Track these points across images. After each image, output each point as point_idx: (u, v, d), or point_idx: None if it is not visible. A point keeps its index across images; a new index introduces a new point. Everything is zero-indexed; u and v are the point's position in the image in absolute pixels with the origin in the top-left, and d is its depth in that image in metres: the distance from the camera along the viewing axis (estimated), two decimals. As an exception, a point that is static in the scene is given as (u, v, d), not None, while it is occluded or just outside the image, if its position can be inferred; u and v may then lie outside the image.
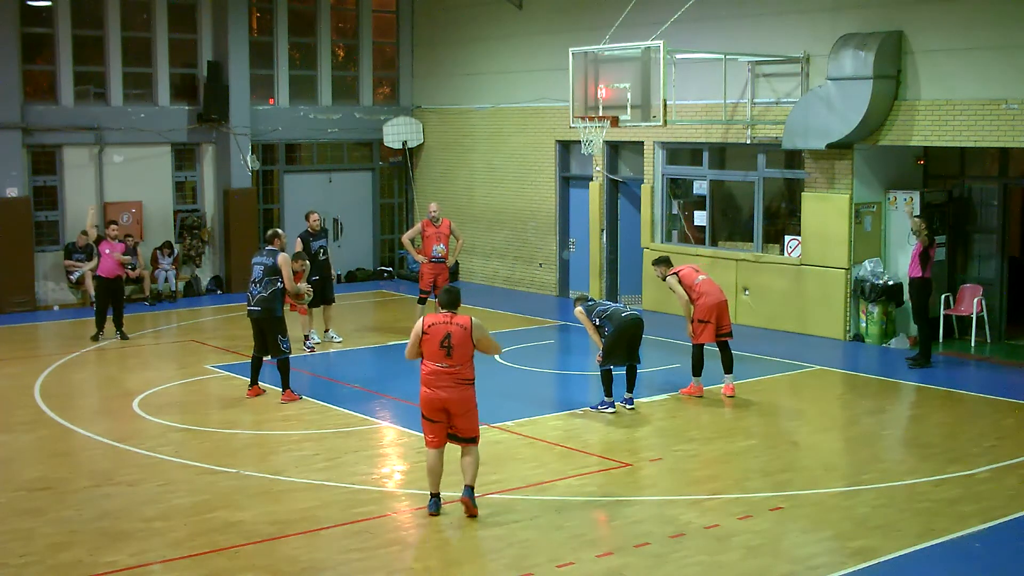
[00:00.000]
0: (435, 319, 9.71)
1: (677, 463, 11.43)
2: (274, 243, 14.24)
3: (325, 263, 17.30)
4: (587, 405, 13.66)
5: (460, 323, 9.64)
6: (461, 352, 9.60)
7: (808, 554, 8.93)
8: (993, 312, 17.10)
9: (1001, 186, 17.24)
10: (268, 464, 11.38)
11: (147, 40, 22.22)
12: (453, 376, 9.62)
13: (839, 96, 16.52)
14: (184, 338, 18.13)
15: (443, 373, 9.62)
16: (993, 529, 9.46)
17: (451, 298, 9.88)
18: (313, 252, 17.00)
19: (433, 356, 9.64)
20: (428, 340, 9.63)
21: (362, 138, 24.94)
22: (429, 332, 9.64)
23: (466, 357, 9.65)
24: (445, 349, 9.59)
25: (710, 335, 13.90)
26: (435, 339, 9.61)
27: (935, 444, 12.19)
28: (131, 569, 8.68)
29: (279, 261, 13.95)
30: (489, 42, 23.25)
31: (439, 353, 9.60)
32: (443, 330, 9.61)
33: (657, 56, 15.61)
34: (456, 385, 9.63)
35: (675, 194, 20.25)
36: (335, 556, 8.94)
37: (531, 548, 9.05)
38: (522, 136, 22.58)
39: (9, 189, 20.45)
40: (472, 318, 9.77)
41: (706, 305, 13.89)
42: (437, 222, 17.88)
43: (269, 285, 13.86)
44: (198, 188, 22.99)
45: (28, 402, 14.01)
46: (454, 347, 9.58)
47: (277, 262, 13.93)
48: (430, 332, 9.64)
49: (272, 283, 13.88)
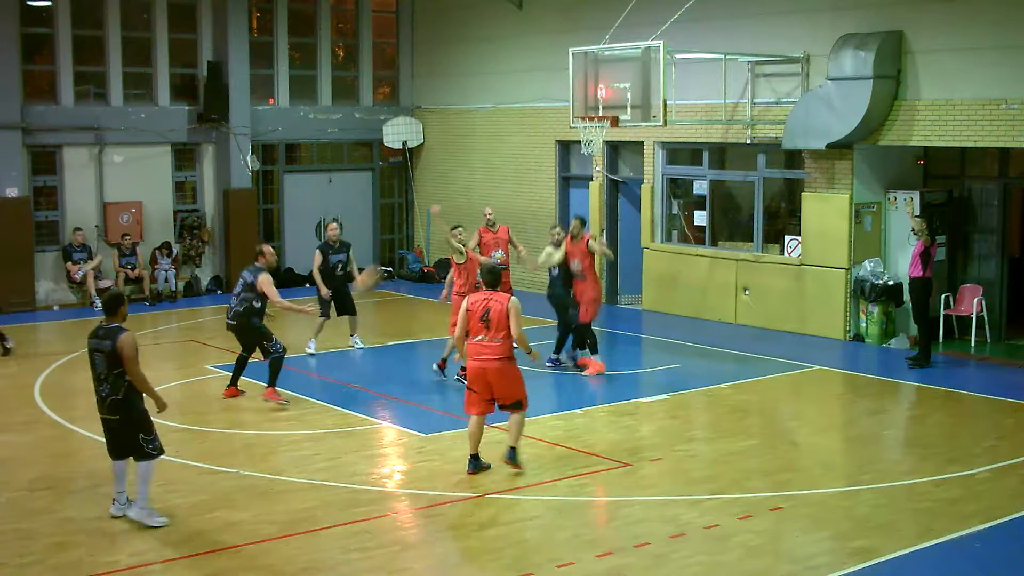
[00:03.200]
0: (476, 297, 10.80)
1: (677, 463, 11.43)
2: (258, 260, 13.72)
3: (344, 278, 16.78)
4: (587, 405, 13.66)
5: (499, 299, 10.64)
6: (498, 326, 10.52)
7: (808, 554, 8.93)
8: (993, 312, 17.10)
9: (1001, 186, 17.24)
10: (268, 464, 11.38)
11: (147, 40, 22.23)
12: (493, 349, 10.55)
13: (839, 96, 16.52)
14: (184, 338, 18.13)
15: (483, 346, 10.58)
16: (993, 529, 9.46)
17: (493, 278, 10.95)
18: (331, 266, 16.59)
19: (476, 330, 10.62)
20: (472, 316, 10.65)
21: (362, 138, 24.94)
22: (472, 309, 10.67)
23: (503, 331, 10.54)
24: (484, 323, 10.55)
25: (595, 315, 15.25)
26: (476, 315, 10.62)
27: (935, 444, 12.19)
28: (131, 569, 8.68)
29: (259, 282, 13.43)
30: (489, 42, 23.25)
31: (480, 327, 10.58)
32: (483, 306, 10.62)
33: (657, 56, 15.61)
34: (496, 358, 10.55)
35: (675, 194, 20.25)
36: (335, 556, 8.93)
37: (531, 548, 9.05)
38: (522, 136, 22.58)
39: (9, 189, 20.46)
40: (512, 298, 10.72)
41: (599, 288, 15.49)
42: (494, 227, 16.53)
43: (243, 302, 13.51)
44: (198, 188, 22.99)
45: (28, 402, 14.02)
46: (492, 321, 10.52)
47: (257, 281, 13.44)
48: (473, 308, 10.67)
49: (247, 300, 13.48)
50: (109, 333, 9.37)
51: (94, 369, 9.49)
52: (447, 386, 14.52)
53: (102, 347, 9.36)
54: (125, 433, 9.54)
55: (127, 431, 9.52)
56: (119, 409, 9.46)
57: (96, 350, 9.42)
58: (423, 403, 13.78)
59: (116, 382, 9.38)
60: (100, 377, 9.43)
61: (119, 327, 9.44)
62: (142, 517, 9.47)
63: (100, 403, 9.54)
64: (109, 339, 9.33)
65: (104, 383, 9.41)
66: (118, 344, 9.28)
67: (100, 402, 9.54)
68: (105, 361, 9.35)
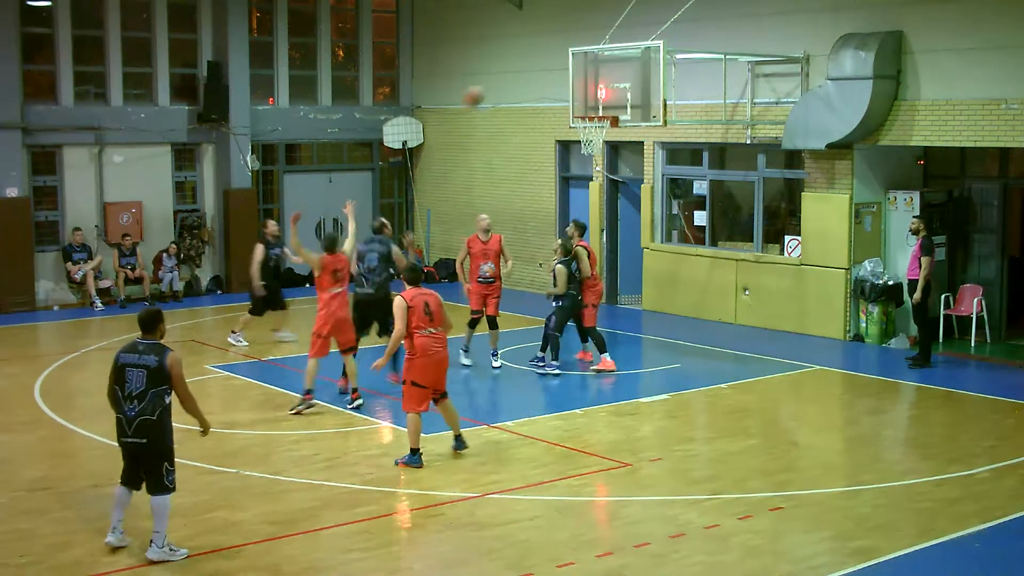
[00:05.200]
0: (412, 293, 11.17)
1: (677, 463, 11.43)
2: (384, 231, 14.56)
3: (276, 270, 17.64)
4: (587, 405, 13.66)
5: (430, 294, 11.23)
6: (440, 317, 11.11)
7: (808, 554, 8.94)
8: (993, 312, 17.09)
9: (1001, 186, 17.23)
10: (268, 464, 11.38)
11: (147, 40, 22.22)
12: (442, 339, 11.17)
13: (839, 96, 16.52)
14: (184, 338, 18.11)
15: (433, 338, 11.09)
16: (993, 529, 9.46)
17: (414, 276, 11.51)
18: (268, 260, 17.30)
19: (421, 324, 11.00)
20: (413, 311, 10.99)
21: (362, 138, 24.93)
22: (413, 304, 11.03)
23: (443, 321, 11.17)
24: (428, 316, 11.02)
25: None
26: (418, 309, 11.00)
27: (935, 444, 12.19)
28: (131, 569, 8.68)
29: (394, 251, 14.31)
30: (489, 42, 23.25)
31: (425, 320, 11.01)
32: (421, 300, 11.07)
33: (657, 56, 15.61)
34: (444, 347, 11.20)
35: (675, 194, 20.25)
36: (335, 556, 8.94)
37: (531, 548, 9.05)
38: (522, 136, 22.57)
39: (9, 189, 20.45)
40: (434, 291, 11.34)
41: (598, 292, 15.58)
42: (486, 237, 15.63)
43: (382, 271, 14.26)
44: (198, 188, 22.99)
45: (28, 402, 14.01)
46: (434, 312, 11.06)
47: (392, 250, 14.25)
48: (414, 303, 11.03)
49: (385, 269, 14.22)
50: (153, 349, 8.82)
51: (123, 387, 8.75)
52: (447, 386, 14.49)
53: (144, 363, 8.73)
54: (149, 459, 8.86)
55: (152, 458, 8.86)
56: (150, 431, 8.77)
57: (133, 366, 8.75)
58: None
59: (154, 401, 8.74)
60: (132, 395, 8.73)
61: (163, 344, 8.94)
62: (164, 556, 8.79)
63: (125, 424, 8.78)
64: (154, 355, 8.77)
65: (135, 401, 8.73)
66: (168, 362, 8.76)
67: (126, 423, 8.78)
68: (146, 378, 8.72)
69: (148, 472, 8.89)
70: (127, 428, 8.80)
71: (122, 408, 8.81)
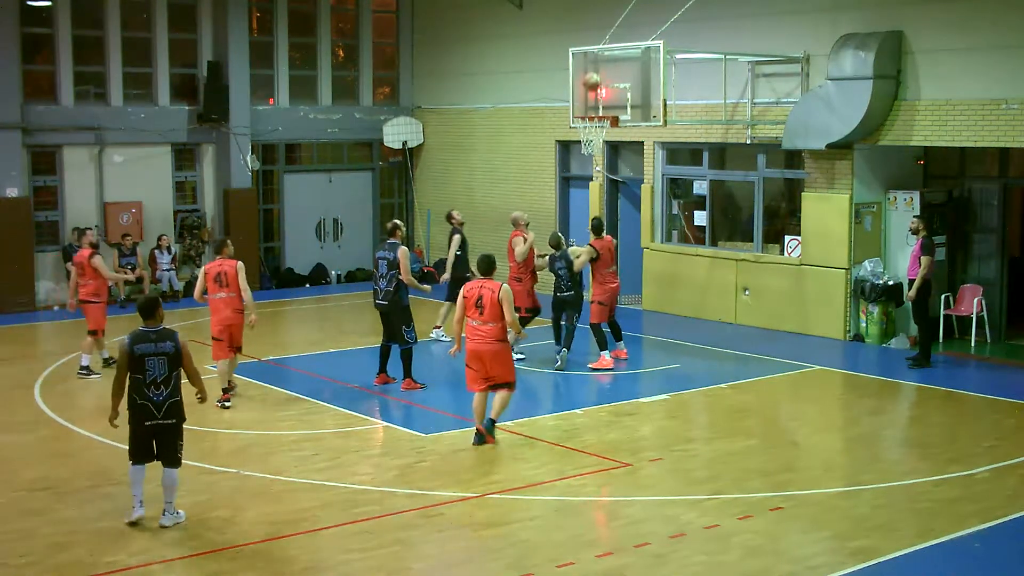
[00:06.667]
0: (471, 285, 11.81)
1: (677, 463, 11.43)
2: (395, 235, 14.43)
3: None
4: (587, 405, 13.67)
5: (491, 287, 11.63)
6: (491, 311, 11.53)
7: (808, 554, 8.94)
8: (993, 312, 17.09)
9: (1001, 186, 17.23)
10: (268, 464, 11.38)
11: (147, 40, 22.23)
12: (486, 332, 11.59)
13: (839, 96, 16.52)
14: (184, 338, 18.08)
15: (477, 330, 11.63)
16: (993, 529, 9.46)
17: (487, 265, 11.93)
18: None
19: (471, 315, 11.68)
20: (467, 302, 11.67)
21: (362, 138, 24.93)
22: (468, 295, 11.68)
23: (496, 316, 11.55)
24: (479, 308, 11.58)
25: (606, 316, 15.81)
26: (471, 301, 11.65)
27: (935, 444, 12.19)
28: (131, 569, 8.68)
29: (399, 254, 14.11)
30: (489, 42, 23.25)
31: (475, 312, 11.62)
32: (476, 293, 11.62)
33: (657, 56, 15.61)
34: (488, 340, 11.58)
35: (675, 194, 20.25)
36: (335, 556, 8.94)
37: (531, 548, 9.05)
38: (522, 136, 22.57)
39: (9, 189, 20.46)
40: (503, 285, 11.71)
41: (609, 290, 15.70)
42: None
43: (393, 279, 14.13)
44: (198, 188, 23.00)
45: (28, 402, 14.01)
46: (485, 307, 11.54)
47: (397, 255, 14.09)
48: (468, 295, 11.68)
49: (395, 277, 14.08)
50: (165, 336, 9.48)
51: (146, 374, 9.33)
52: (447, 386, 14.53)
53: (163, 350, 9.40)
54: (173, 436, 9.54)
55: (175, 435, 9.56)
56: (178, 411, 9.52)
57: (155, 354, 9.37)
58: (423, 403, 13.78)
59: (175, 383, 9.45)
60: (156, 381, 9.36)
61: (169, 329, 9.64)
62: (175, 520, 9.54)
63: (153, 408, 9.37)
64: (169, 341, 9.47)
65: (161, 387, 9.37)
66: (181, 344, 9.54)
67: (153, 408, 9.37)
68: (167, 363, 9.40)
69: (166, 448, 9.54)
70: (156, 412, 9.42)
71: (145, 395, 9.37)
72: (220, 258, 13.80)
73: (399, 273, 14.07)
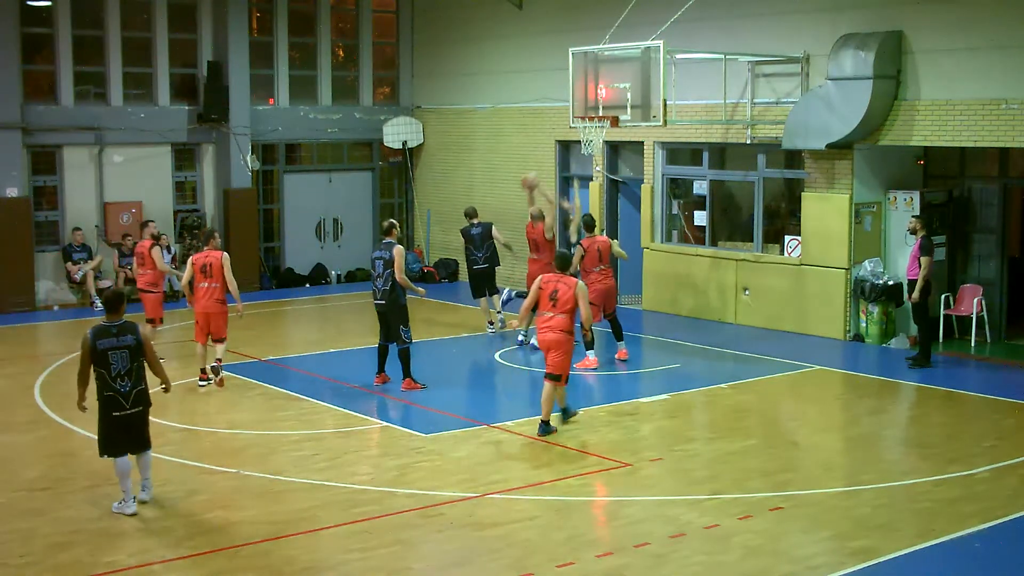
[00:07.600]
0: (549, 278, 12.30)
1: (677, 463, 11.43)
2: (391, 234, 14.42)
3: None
4: (587, 405, 13.66)
5: (567, 283, 12.12)
6: (563, 305, 12.03)
7: (808, 554, 8.94)
8: (993, 312, 17.09)
9: (1001, 186, 17.23)
10: (268, 464, 11.38)
11: (147, 40, 22.22)
12: (554, 323, 12.04)
13: (839, 96, 16.52)
14: (184, 338, 18.10)
15: (546, 320, 12.10)
16: (993, 529, 9.46)
17: (562, 262, 12.54)
18: None
19: (543, 307, 12.16)
20: (542, 294, 12.18)
21: (362, 138, 24.93)
22: (544, 287, 12.18)
23: (567, 309, 12.03)
24: (552, 301, 12.06)
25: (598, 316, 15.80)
26: (546, 293, 12.13)
27: (935, 444, 12.19)
28: (131, 569, 8.68)
29: (395, 253, 14.13)
30: (489, 42, 23.25)
31: (548, 304, 12.10)
32: (553, 287, 12.11)
33: (657, 56, 15.61)
34: (555, 331, 12.03)
35: (675, 194, 20.25)
36: (335, 556, 8.94)
37: (531, 548, 9.05)
38: (522, 136, 22.57)
39: (9, 189, 20.46)
40: (579, 281, 12.24)
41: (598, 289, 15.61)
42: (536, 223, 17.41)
43: (389, 279, 14.15)
44: (198, 188, 22.99)
45: (28, 402, 14.01)
46: (559, 300, 12.04)
47: (393, 254, 14.11)
48: (544, 287, 12.18)
49: (391, 276, 14.10)
50: (127, 329, 9.87)
51: (110, 368, 9.76)
52: (447, 386, 14.53)
53: (124, 344, 9.80)
54: (143, 423, 10.03)
55: (144, 421, 10.04)
56: (144, 399, 9.97)
57: (115, 348, 9.78)
58: (423, 403, 13.77)
59: (139, 373, 9.87)
60: (121, 374, 9.77)
61: (130, 322, 9.97)
62: (151, 495, 10.11)
63: (121, 399, 9.80)
64: (130, 334, 9.85)
65: (125, 378, 9.79)
66: (141, 335, 9.92)
67: (121, 398, 9.79)
68: (128, 356, 9.81)
69: (139, 434, 10.01)
70: (125, 402, 9.84)
71: (112, 387, 9.79)
72: (207, 249, 14.66)
73: (395, 272, 14.12)
